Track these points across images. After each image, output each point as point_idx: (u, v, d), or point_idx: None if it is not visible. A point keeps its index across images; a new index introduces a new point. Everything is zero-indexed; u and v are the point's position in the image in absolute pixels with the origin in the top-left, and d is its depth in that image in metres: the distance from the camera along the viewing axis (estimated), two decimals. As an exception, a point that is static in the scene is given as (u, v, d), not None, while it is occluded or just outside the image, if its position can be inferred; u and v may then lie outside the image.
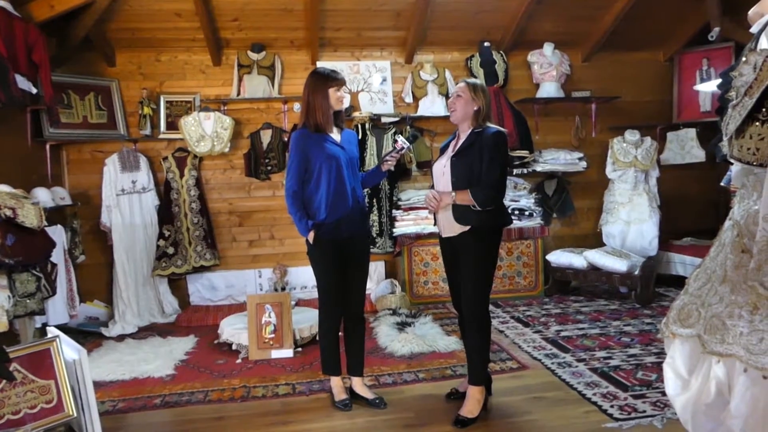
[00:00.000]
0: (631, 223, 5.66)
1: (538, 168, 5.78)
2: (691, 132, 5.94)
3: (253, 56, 5.41)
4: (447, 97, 5.75)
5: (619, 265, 5.12)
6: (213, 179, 5.56)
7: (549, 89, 5.78)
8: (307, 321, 4.31)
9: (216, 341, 4.40)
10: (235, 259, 5.62)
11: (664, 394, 3.09)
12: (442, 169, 3.02)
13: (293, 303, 5.09)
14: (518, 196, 5.66)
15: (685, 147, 6.00)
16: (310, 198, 3.01)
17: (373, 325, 4.72)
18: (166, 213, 5.30)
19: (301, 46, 5.54)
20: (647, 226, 5.60)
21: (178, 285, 5.49)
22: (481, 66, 5.69)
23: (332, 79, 3.01)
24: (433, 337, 4.24)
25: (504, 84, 5.75)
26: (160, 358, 4.04)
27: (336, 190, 2.98)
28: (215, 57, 5.40)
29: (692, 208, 6.24)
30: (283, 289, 5.48)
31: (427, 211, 5.50)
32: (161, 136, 5.38)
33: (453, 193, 2.86)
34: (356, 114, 5.49)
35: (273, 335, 4.06)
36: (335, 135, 3.08)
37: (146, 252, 5.25)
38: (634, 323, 4.54)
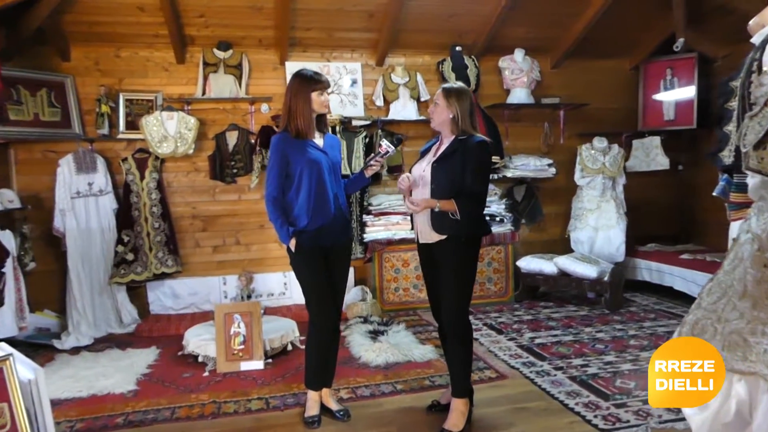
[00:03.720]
0: (599, 229, 5.71)
1: (509, 174, 5.77)
2: (656, 140, 6.05)
3: (220, 54, 5.20)
4: (418, 101, 5.68)
5: (589, 271, 5.14)
6: (176, 182, 5.31)
7: (520, 95, 5.78)
8: (276, 331, 4.14)
9: (180, 353, 4.18)
10: (198, 266, 5.39)
11: (645, 402, 3.09)
12: (421, 173, 2.92)
13: (261, 311, 4.92)
14: (489, 202, 5.62)
15: (650, 154, 6.10)
16: (291, 204, 2.87)
17: (344, 333, 4.57)
18: (125, 217, 5.02)
19: (270, 45, 5.37)
20: (615, 232, 5.67)
21: (137, 293, 5.22)
22: (453, 70, 5.64)
23: (316, 81, 2.88)
24: (408, 346, 4.14)
25: (476, 89, 5.71)
26: (120, 372, 3.79)
27: (318, 196, 2.84)
28: (179, 54, 5.16)
29: (656, 214, 6.35)
30: (249, 296, 5.28)
31: (398, 217, 5.42)
32: (120, 136, 5.11)
33: (438, 202, 2.76)
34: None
35: (242, 346, 3.88)
36: (317, 139, 2.95)
37: (103, 258, 4.96)
38: (605, 329, 4.56)
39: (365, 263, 5.58)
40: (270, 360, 3.97)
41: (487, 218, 5.52)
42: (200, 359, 3.97)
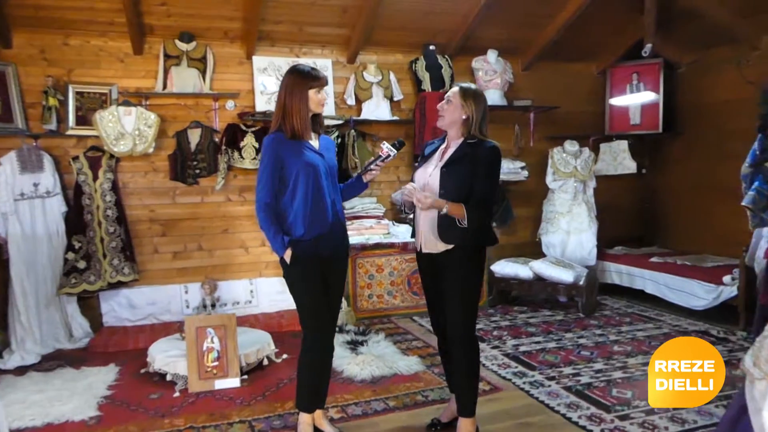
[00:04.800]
0: (570, 232, 5.70)
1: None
2: (623, 144, 6.11)
3: (182, 46, 4.83)
4: (392, 100, 5.50)
5: (565, 275, 5.10)
6: (132, 183, 4.90)
7: (493, 97, 5.68)
8: (251, 344, 3.85)
9: (144, 370, 3.82)
10: (157, 273, 4.99)
11: (648, 413, 3.02)
12: (426, 177, 2.74)
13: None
14: (463, 205, 5.49)
15: (617, 158, 6.15)
16: (285, 211, 2.62)
17: (320, 344, 4.34)
18: (76, 221, 4.58)
19: (236, 38, 5.05)
20: (586, 236, 5.67)
21: (88, 304, 4.78)
22: (427, 70, 5.49)
23: (313, 78, 2.63)
24: (391, 357, 3.95)
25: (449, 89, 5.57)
26: (77, 396, 3.41)
27: (315, 202, 2.60)
28: (137, 45, 4.76)
29: (622, 217, 6.42)
30: (213, 306, 4.93)
31: (372, 221, 5.21)
32: (70, 132, 4.65)
33: (446, 204, 2.58)
34: (297, 115, 5.07)
35: (216, 363, 3.57)
36: (313, 141, 2.71)
37: (51, 267, 4.51)
38: (586, 335, 4.51)
39: (337, 269, 5.33)
40: (246, 376, 3.69)
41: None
42: (168, 378, 3.63)
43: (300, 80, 2.62)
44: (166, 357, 3.67)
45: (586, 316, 5.05)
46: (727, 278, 4.54)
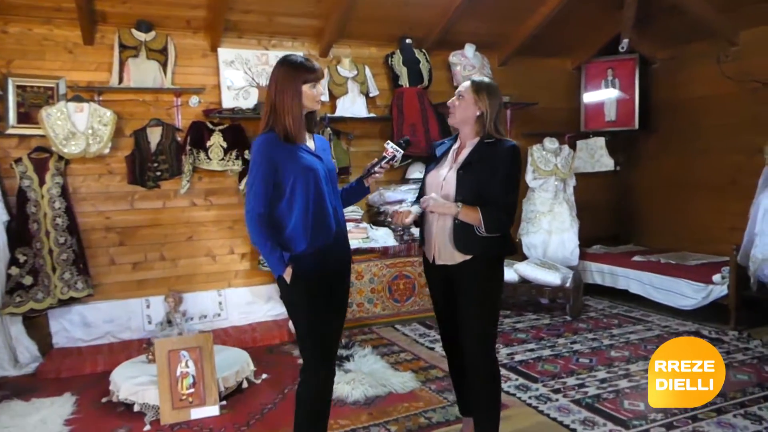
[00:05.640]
0: (552, 232, 5.55)
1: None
2: (600, 141, 6.01)
3: (140, 36, 4.37)
4: (367, 96, 5.19)
5: (551, 277, 4.94)
6: (84, 187, 4.41)
7: (472, 93, 5.46)
8: (230, 366, 3.47)
9: (106, 399, 3.39)
10: (114, 287, 4.52)
11: (667, 427, 2.85)
12: (440, 181, 2.47)
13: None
14: (444, 206, 5.25)
15: (595, 155, 6.05)
16: (282, 222, 2.28)
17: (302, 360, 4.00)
18: (20, 232, 4.06)
19: (199, 28, 4.62)
20: (568, 235, 5.53)
21: (35, 323, 4.26)
22: (404, 64, 5.21)
23: (307, 70, 2.30)
24: (383, 374, 3.65)
25: (428, 85, 5.32)
26: (30, 435, 2.96)
27: (316, 211, 2.27)
28: (87, 34, 4.27)
29: (600, 215, 6.32)
30: (177, 321, 4.50)
31: (350, 224, 4.89)
32: (11, 131, 4.13)
33: (459, 205, 2.32)
34: (267, 112, 4.70)
35: (192, 390, 3.18)
36: (309, 142, 2.38)
37: (-8, 284, 3.99)
38: (579, 340, 4.35)
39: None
40: (224, 402, 3.31)
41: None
42: (136, 408, 3.21)
43: (292, 73, 2.29)
44: (134, 384, 3.25)
45: (574, 319, 4.90)
46: (716, 277, 4.46)
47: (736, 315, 4.35)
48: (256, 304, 4.88)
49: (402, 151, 2.48)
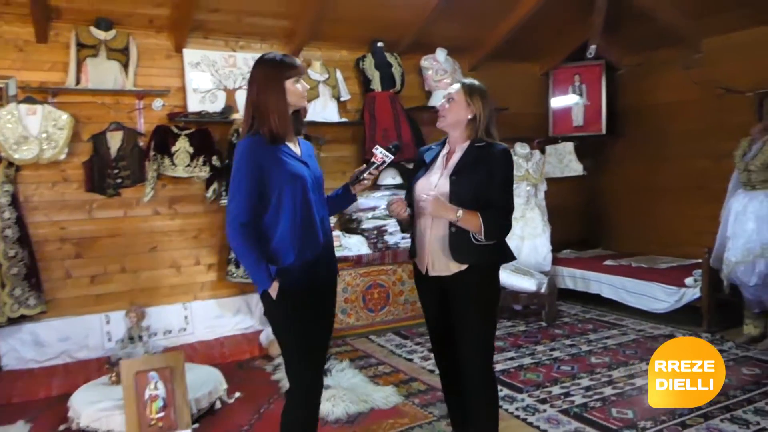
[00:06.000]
0: (524, 238, 5.52)
1: (435, 181, 5.33)
2: (569, 146, 6.04)
3: (99, 34, 4.11)
4: (338, 100, 5.05)
5: (527, 284, 4.90)
6: (37, 196, 4.10)
7: (444, 97, 5.39)
8: (202, 385, 3.26)
9: (64, 427, 3.13)
10: (70, 302, 4.21)
11: (660, 437, 2.81)
12: (431, 187, 2.35)
13: (156, 353, 3.98)
14: (418, 213, 5.15)
15: (563, 160, 6.08)
16: (267, 233, 2.12)
17: (276, 376, 3.83)
18: (-35, 244, 3.75)
19: (163, 27, 4.39)
20: (541, 240, 5.51)
21: (-18, 343, 3.94)
22: (377, 68, 5.10)
23: (288, 66, 2.17)
24: (364, 388, 3.50)
25: (401, 89, 5.22)
26: (-19, 470, 2.69)
27: (304, 221, 2.12)
28: (41, 31, 3.98)
29: (568, 220, 6.34)
30: (141, 337, 4.24)
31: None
32: (-45, 135, 3.81)
33: (459, 211, 2.21)
34: (236, 116, 4.51)
35: (162, 414, 2.96)
36: (294, 146, 2.23)
37: (-66, 302, 3.65)
38: (557, 346, 4.31)
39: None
40: (197, 425, 3.10)
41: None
42: (100, 435, 2.97)
43: (272, 71, 2.15)
44: (96, 410, 3.00)
45: (549, 325, 4.87)
46: (689, 280, 4.51)
47: (709, 317, 4.40)
48: (224, 317, 4.65)
49: (392, 157, 2.35)
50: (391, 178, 5.24)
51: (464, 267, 2.28)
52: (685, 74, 5.40)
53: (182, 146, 4.27)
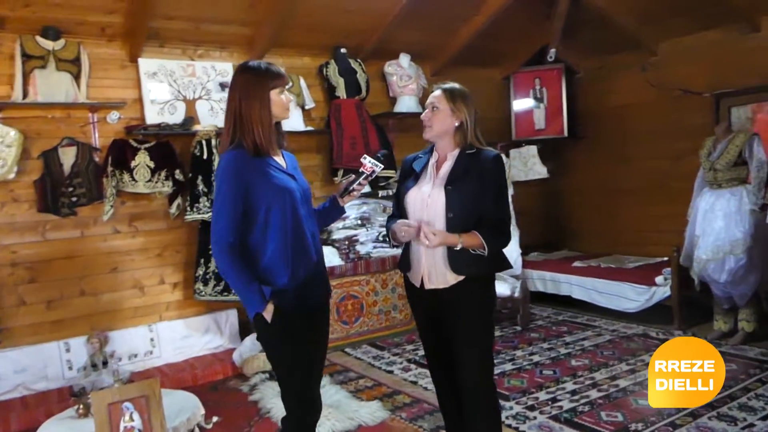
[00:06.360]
0: (494, 242, 5.51)
1: (404, 189, 5.26)
2: (533, 149, 6.08)
3: (47, 44, 3.86)
4: (303, 108, 4.92)
5: (501, 288, 4.87)
6: (-16, 218, 3.82)
7: (409, 103, 5.35)
8: (179, 413, 3.05)
9: (28, 468, 2.89)
10: (25, 331, 3.93)
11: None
12: (425, 198, 2.27)
13: (125, 381, 3.76)
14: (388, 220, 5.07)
15: (528, 163, 6.12)
16: (256, 253, 1.99)
17: (254, 397, 3.67)
18: None
19: (116, 35, 4.16)
20: (511, 244, 5.48)
21: (-73, 381, 3.61)
22: (341, 75, 5.00)
23: (273, 76, 2.07)
24: (348, 405, 3.40)
25: (366, 96, 5.14)
26: None
27: (295, 238, 2.01)
28: (-18, 41, 3.72)
29: (532, 222, 6.39)
30: (105, 363, 4.00)
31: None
32: None
33: (460, 238, 2.14)
34: (198, 128, 4.33)
35: (138, 447, 2.76)
36: (279, 158, 2.12)
37: None
38: (536, 350, 4.31)
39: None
40: (175, 456, 2.92)
41: (390, 238, 4.98)
42: (70, 475, 2.75)
43: (257, 80, 2.05)
44: (65, 448, 2.78)
45: (524, 329, 4.88)
46: (659, 279, 4.59)
47: (680, 315, 4.49)
48: (193, 337, 4.44)
49: (381, 166, 2.27)
50: (360, 186, 5.14)
51: (461, 278, 2.21)
52: (642, 77, 5.54)
53: (142, 160, 4.06)
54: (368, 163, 2.23)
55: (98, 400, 2.75)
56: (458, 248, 2.15)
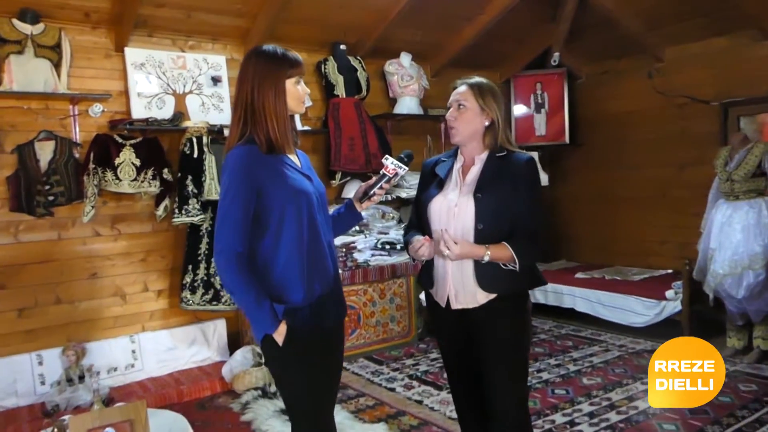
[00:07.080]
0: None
1: (403, 194, 5.02)
2: (534, 155, 5.89)
3: (25, 28, 3.53)
4: (300, 106, 4.65)
5: (502, 299, 4.67)
6: (-50, 218, 3.47)
7: (410, 104, 5.12)
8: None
9: (-6, 500, 2.57)
10: (-7, 342, 3.60)
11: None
12: (451, 207, 2.03)
13: (104, 398, 3.46)
14: (387, 228, 4.84)
15: (528, 170, 5.92)
16: (266, 264, 1.73)
17: (247, 416, 3.38)
18: None
19: (102, 22, 3.86)
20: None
21: None
22: (340, 72, 4.74)
23: (290, 63, 1.82)
24: (351, 428, 3.13)
25: (366, 95, 4.89)
26: None
27: (311, 248, 1.76)
28: (-47, 23, 3.38)
29: (532, 231, 6.21)
30: (81, 378, 3.67)
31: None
32: None
33: (487, 249, 1.90)
34: (188, 124, 4.04)
35: (121, 478, 2.46)
36: (294, 157, 1.86)
37: None
38: (543, 367, 4.09)
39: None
40: (162, 487, 2.62)
41: (387, 246, 4.76)
42: None
43: (272, 67, 1.80)
44: (37, 479, 2.47)
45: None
46: (670, 293, 4.42)
47: (690, 330, 4.32)
48: (178, 349, 4.13)
49: (406, 168, 2.00)
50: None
51: (493, 296, 1.98)
52: (646, 83, 5.40)
53: (127, 158, 3.75)
54: (391, 164, 1.97)
55: (77, 426, 2.44)
56: (485, 261, 1.90)
